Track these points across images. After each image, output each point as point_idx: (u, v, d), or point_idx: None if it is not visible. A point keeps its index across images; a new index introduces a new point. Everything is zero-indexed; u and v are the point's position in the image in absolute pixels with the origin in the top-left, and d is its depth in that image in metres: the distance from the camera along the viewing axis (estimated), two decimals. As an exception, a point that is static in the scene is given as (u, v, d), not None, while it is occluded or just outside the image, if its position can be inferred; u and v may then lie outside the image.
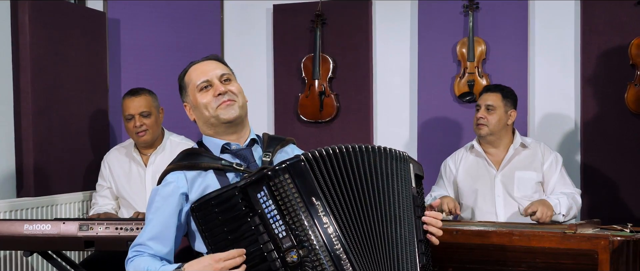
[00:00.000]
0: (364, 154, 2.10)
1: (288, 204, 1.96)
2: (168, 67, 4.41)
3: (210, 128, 2.24)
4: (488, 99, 3.48)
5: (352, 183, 2.05)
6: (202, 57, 2.30)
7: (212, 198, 2.00)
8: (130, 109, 3.57)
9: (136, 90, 3.63)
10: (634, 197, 3.91)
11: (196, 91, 2.22)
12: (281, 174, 1.97)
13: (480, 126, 3.49)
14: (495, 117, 3.47)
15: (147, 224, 2.16)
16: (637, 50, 3.85)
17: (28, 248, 3.04)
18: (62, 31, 3.90)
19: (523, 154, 3.51)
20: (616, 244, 2.66)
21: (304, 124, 4.48)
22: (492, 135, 3.50)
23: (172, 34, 4.46)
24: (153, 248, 2.13)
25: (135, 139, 3.64)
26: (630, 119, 3.91)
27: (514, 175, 3.47)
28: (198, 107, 2.22)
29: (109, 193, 3.71)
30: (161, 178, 2.20)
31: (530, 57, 4.15)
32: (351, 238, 1.99)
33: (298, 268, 1.94)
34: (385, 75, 4.41)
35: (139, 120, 3.56)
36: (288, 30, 4.52)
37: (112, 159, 3.73)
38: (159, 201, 2.15)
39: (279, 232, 1.95)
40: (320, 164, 2.02)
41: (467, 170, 3.57)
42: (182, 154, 2.24)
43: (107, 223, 2.96)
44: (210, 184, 2.14)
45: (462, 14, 4.23)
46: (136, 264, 2.11)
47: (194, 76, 2.24)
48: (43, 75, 3.77)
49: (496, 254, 2.83)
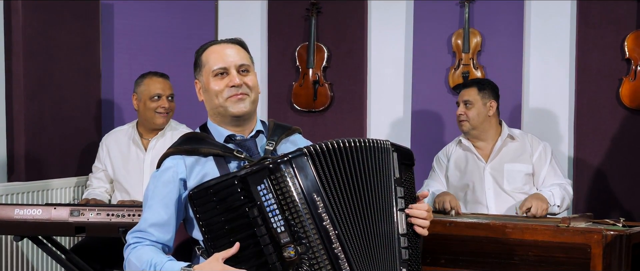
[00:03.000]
0: (359, 150, 2.06)
1: (288, 199, 1.92)
2: (161, 53, 4.39)
3: (216, 116, 2.19)
4: (464, 95, 3.51)
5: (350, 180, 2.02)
6: (226, 38, 2.21)
7: (211, 185, 1.95)
8: (159, 89, 3.54)
9: (161, 73, 3.61)
10: (626, 192, 3.92)
11: (211, 75, 2.14)
12: (283, 168, 1.93)
13: (462, 122, 3.52)
14: (474, 112, 3.48)
15: (147, 210, 2.10)
16: (632, 44, 3.86)
17: (18, 233, 3.02)
18: (55, 15, 3.87)
19: (511, 146, 3.51)
20: (609, 238, 2.67)
21: (298, 113, 4.46)
22: (475, 129, 3.51)
23: (166, 19, 4.43)
24: (154, 235, 2.08)
25: (152, 121, 3.58)
26: (624, 114, 3.91)
27: (503, 168, 3.47)
28: (208, 91, 2.16)
29: (103, 175, 3.68)
30: (161, 160, 2.15)
31: (526, 49, 4.14)
32: (349, 236, 1.97)
33: (294, 264, 1.91)
34: (379, 65, 4.40)
35: (166, 101, 3.55)
36: (283, 18, 4.49)
37: (110, 142, 3.69)
38: (160, 187, 2.10)
39: (277, 227, 1.91)
40: (322, 160, 1.99)
41: (457, 164, 3.57)
42: (183, 138, 2.18)
43: (98, 209, 2.95)
44: (209, 173, 2.09)
45: (458, 5, 4.22)
46: (139, 254, 2.06)
47: (211, 59, 2.15)
48: (35, 59, 3.74)
49: (489, 246, 2.84)
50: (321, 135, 4.33)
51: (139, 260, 2.05)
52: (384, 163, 2.11)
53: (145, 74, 3.62)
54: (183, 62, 4.47)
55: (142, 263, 2.03)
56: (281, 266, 1.91)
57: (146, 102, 3.56)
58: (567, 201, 3.35)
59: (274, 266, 1.92)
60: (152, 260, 2.02)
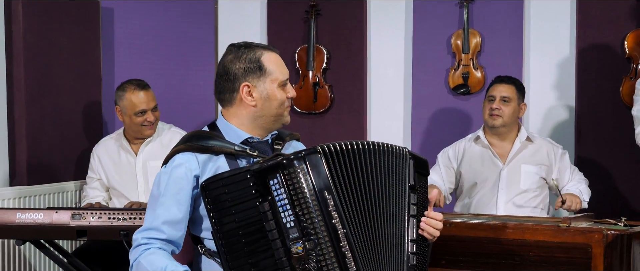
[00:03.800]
0: (373, 153, 2.07)
1: (299, 195, 1.93)
2: (162, 56, 4.40)
3: (256, 120, 2.17)
4: (503, 91, 3.48)
5: (362, 181, 2.03)
6: (269, 46, 2.21)
7: (224, 177, 1.96)
8: (142, 104, 3.50)
9: (141, 83, 3.56)
10: (627, 191, 3.92)
11: (277, 84, 2.14)
12: (297, 164, 1.95)
13: (495, 116, 3.47)
14: (510, 109, 3.47)
15: (159, 207, 2.07)
16: (632, 43, 3.86)
17: (20, 237, 3.03)
18: (56, 20, 3.87)
19: (529, 148, 3.53)
20: (610, 238, 2.67)
21: (298, 115, 4.46)
22: (505, 127, 3.50)
23: (166, 22, 4.44)
24: (166, 233, 2.06)
25: (140, 133, 3.58)
26: (625, 113, 3.91)
27: (521, 168, 3.48)
28: (269, 99, 2.14)
29: (99, 184, 3.68)
30: (169, 157, 2.13)
31: (525, 49, 4.14)
32: (356, 236, 1.98)
33: (302, 259, 1.92)
34: (379, 66, 4.40)
35: (151, 115, 3.53)
36: (282, 20, 4.50)
37: (101, 151, 3.70)
38: (172, 183, 2.08)
39: (287, 222, 1.93)
40: (335, 159, 2.00)
41: (471, 161, 3.56)
42: (192, 135, 2.16)
43: (100, 212, 2.96)
44: (221, 167, 2.09)
45: (457, 6, 4.23)
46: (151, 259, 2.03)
47: (278, 69, 2.16)
48: (36, 64, 3.75)
49: (490, 247, 2.84)
50: (322, 137, 4.33)
51: (152, 264, 2.03)
52: (399, 169, 2.12)
53: (125, 86, 3.55)
54: (183, 64, 4.48)
55: (155, 269, 2.02)
56: (288, 262, 1.93)
57: (131, 117, 3.53)
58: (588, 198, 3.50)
59: (281, 261, 1.93)
60: (168, 268, 2.01)
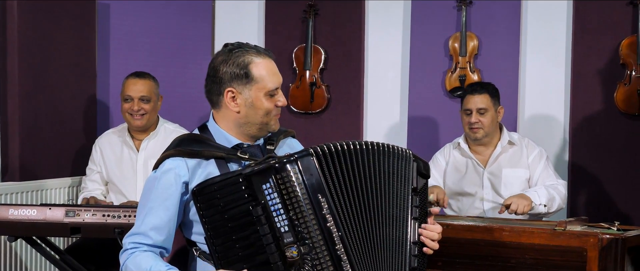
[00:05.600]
0: (371, 153, 2.05)
1: (293, 199, 1.91)
2: (158, 54, 4.38)
3: (241, 127, 2.12)
4: (479, 102, 3.40)
5: (357, 182, 2.01)
6: (262, 48, 2.16)
7: (216, 182, 1.93)
8: (131, 90, 3.51)
9: (141, 73, 3.58)
10: (621, 195, 3.94)
11: (264, 93, 2.09)
12: (289, 167, 1.92)
13: (476, 130, 3.41)
14: (489, 119, 3.42)
15: (147, 213, 2.06)
16: (627, 49, 3.87)
17: (12, 234, 3.00)
18: (51, 14, 3.85)
19: (510, 151, 3.49)
20: (605, 242, 2.68)
21: (294, 114, 4.46)
22: (487, 136, 3.47)
23: (163, 20, 4.42)
24: (153, 238, 2.04)
25: (127, 120, 3.58)
26: (619, 118, 3.93)
27: (502, 173, 3.46)
28: (254, 107, 2.08)
29: (98, 177, 3.67)
30: (158, 162, 2.10)
31: (522, 53, 4.15)
32: (352, 238, 1.97)
33: (296, 264, 1.90)
34: (376, 67, 4.39)
35: (137, 104, 3.51)
36: (280, 20, 4.49)
37: (104, 143, 3.68)
38: (160, 189, 2.05)
39: (281, 226, 1.90)
40: (329, 161, 1.98)
41: (454, 167, 3.56)
42: (182, 139, 2.13)
43: (94, 209, 2.93)
44: (212, 172, 2.06)
45: (455, 9, 4.23)
46: (137, 261, 2.02)
47: (267, 77, 2.10)
48: (30, 59, 3.73)
49: (486, 249, 2.84)
50: (317, 137, 4.33)
51: (138, 266, 2.02)
52: (401, 170, 2.10)
53: (128, 75, 3.61)
54: (179, 63, 4.46)
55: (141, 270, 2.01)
56: (283, 266, 1.91)
57: (122, 104, 3.56)
58: (557, 202, 3.28)
59: (276, 265, 1.91)
60: (152, 269, 2.00)
